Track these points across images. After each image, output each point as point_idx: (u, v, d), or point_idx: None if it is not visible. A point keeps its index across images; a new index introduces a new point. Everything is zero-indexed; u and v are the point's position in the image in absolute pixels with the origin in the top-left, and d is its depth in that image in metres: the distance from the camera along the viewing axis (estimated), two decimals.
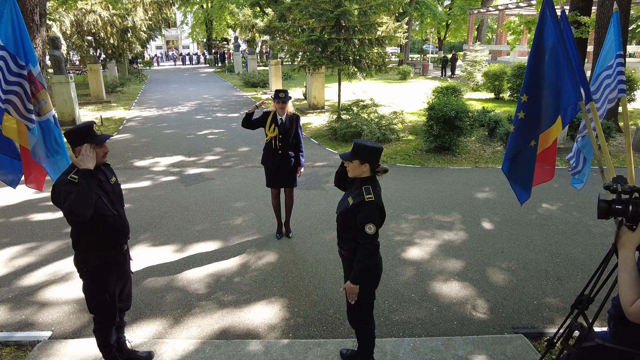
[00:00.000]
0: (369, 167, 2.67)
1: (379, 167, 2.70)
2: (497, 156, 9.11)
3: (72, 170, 2.59)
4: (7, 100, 3.17)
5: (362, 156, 2.65)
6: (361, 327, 2.94)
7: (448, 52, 37.49)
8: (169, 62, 54.02)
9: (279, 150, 4.91)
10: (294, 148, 5.02)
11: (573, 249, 5.05)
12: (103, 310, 2.82)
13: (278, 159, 4.96)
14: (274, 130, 4.87)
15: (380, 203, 2.64)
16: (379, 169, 2.70)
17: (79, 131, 2.60)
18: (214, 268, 4.60)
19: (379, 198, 2.66)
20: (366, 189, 2.64)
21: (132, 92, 21.10)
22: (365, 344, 3.00)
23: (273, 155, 4.96)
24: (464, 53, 33.35)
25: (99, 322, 2.87)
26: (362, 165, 2.67)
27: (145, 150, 9.78)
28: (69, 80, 12.03)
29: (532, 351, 3.27)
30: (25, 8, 9.60)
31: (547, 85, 2.78)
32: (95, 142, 2.62)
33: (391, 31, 12.34)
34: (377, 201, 2.62)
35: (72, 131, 2.61)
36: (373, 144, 2.68)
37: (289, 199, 5.26)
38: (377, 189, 2.70)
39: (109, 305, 2.82)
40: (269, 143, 4.95)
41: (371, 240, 2.64)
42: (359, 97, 12.08)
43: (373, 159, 2.66)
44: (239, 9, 31.21)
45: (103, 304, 2.80)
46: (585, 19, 10.83)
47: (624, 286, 1.57)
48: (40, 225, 5.67)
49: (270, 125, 4.88)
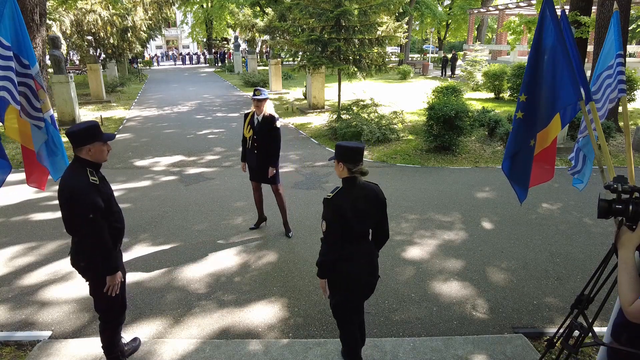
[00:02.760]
0: (345, 167, 2.64)
1: (356, 168, 2.64)
2: (497, 156, 9.11)
3: (83, 170, 2.56)
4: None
5: (339, 156, 2.66)
6: (338, 324, 2.93)
7: (448, 52, 37.48)
8: (169, 61, 54.02)
9: (255, 150, 5.04)
10: (269, 148, 5.01)
11: (573, 249, 5.05)
12: (114, 309, 2.81)
13: (254, 158, 5.10)
14: (249, 130, 5.01)
15: (337, 202, 2.58)
16: (356, 170, 2.64)
17: (89, 128, 2.58)
18: (214, 268, 4.60)
19: (340, 198, 2.60)
20: (335, 188, 2.66)
21: (132, 91, 21.11)
22: (343, 342, 2.99)
23: (250, 153, 5.13)
24: (464, 53, 33.38)
25: (109, 321, 2.85)
26: (339, 165, 2.67)
27: (145, 150, 9.78)
28: (68, 80, 12.02)
29: (532, 351, 3.27)
30: (25, 8, 9.61)
31: (546, 85, 2.78)
32: (103, 140, 2.63)
33: (391, 31, 12.35)
34: (333, 200, 2.59)
35: (82, 129, 2.57)
36: (350, 144, 2.65)
37: (277, 197, 5.28)
38: (348, 190, 2.64)
39: (121, 303, 2.82)
40: (246, 142, 5.12)
41: (324, 238, 2.66)
42: (359, 96, 12.08)
43: (346, 159, 2.63)
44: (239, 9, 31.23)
45: (115, 302, 2.78)
46: (585, 18, 10.83)
47: (623, 286, 1.58)
48: (40, 225, 5.67)
49: (247, 125, 5.02)
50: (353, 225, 2.62)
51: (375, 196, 2.70)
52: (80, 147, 2.57)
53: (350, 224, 2.60)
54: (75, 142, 2.58)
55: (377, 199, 2.71)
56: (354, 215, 2.60)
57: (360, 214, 2.63)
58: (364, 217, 2.66)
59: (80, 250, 2.65)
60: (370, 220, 2.71)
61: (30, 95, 3.23)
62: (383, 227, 2.83)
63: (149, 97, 19.55)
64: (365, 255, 2.75)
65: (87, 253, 2.61)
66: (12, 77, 3.06)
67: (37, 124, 3.30)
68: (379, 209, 2.73)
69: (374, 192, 2.71)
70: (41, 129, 3.32)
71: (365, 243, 2.77)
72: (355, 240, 2.70)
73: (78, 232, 2.58)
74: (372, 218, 2.71)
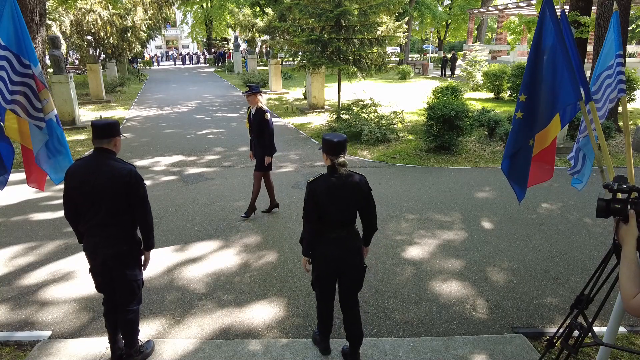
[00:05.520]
0: (328, 157, 2.88)
1: (337, 159, 2.83)
2: (497, 156, 9.11)
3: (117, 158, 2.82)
4: (12, 100, 3.17)
5: (323, 148, 2.94)
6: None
7: (448, 52, 37.48)
8: (169, 61, 54.01)
9: (251, 140, 5.81)
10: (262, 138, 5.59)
11: (573, 248, 5.05)
12: (141, 290, 3.07)
13: (252, 147, 5.88)
14: (248, 123, 5.75)
15: (313, 186, 2.83)
16: (336, 161, 2.83)
17: (116, 123, 2.88)
18: (214, 268, 4.60)
19: (318, 183, 2.84)
20: (318, 174, 2.92)
21: (131, 91, 21.11)
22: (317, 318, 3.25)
23: (250, 143, 5.91)
24: (463, 53, 33.36)
25: (139, 303, 3.06)
26: (323, 155, 2.94)
27: (145, 150, 9.78)
28: (68, 79, 12.02)
29: (531, 351, 3.27)
30: (25, 8, 9.60)
31: (546, 85, 2.78)
32: (120, 135, 2.89)
33: (391, 31, 12.35)
34: (311, 183, 2.86)
35: (113, 123, 2.85)
36: (333, 139, 2.86)
37: (255, 181, 5.82)
38: (328, 177, 2.85)
39: None
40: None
41: (303, 217, 2.93)
42: (358, 96, 12.09)
43: (326, 150, 2.89)
44: (239, 9, 31.22)
45: (142, 285, 3.07)
46: (585, 18, 10.83)
47: (624, 280, 1.59)
48: (40, 225, 5.67)
49: (248, 117, 5.75)
50: (329, 211, 2.81)
51: (355, 185, 2.84)
52: (110, 139, 2.79)
53: (325, 208, 2.80)
54: (107, 135, 2.78)
55: (357, 188, 2.84)
56: (329, 201, 2.80)
57: (337, 201, 2.81)
58: (342, 205, 2.82)
59: (122, 236, 2.84)
60: (351, 208, 2.86)
61: (31, 95, 3.23)
62: (369, 218, 2.98)
63: (148, 97, 19.55)
64: (340, 240, 2.89)
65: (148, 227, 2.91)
66: (4, 77, 3.07)
67: (38, 124, 3.29)
68: (360, 199, 2.87)
69: (355, 182, 2.84)
70: (41, 129, 3.31)
71: (345, 231, 2.90)
72: (335, 226, 2.87)
73: (144, 208, 2.86)
74: (352, 206, 2.86)
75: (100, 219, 2.75)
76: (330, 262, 2.91)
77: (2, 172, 3.25)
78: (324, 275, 2.99)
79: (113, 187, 2.71)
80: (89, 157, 2.81)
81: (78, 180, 2.73)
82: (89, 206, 2.74)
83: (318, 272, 2.99)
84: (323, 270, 2.97)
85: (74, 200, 2.78)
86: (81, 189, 2.72)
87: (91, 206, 2.74)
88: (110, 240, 2.80)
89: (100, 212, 2.73)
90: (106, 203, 2.72)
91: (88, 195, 2.71)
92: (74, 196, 2.77)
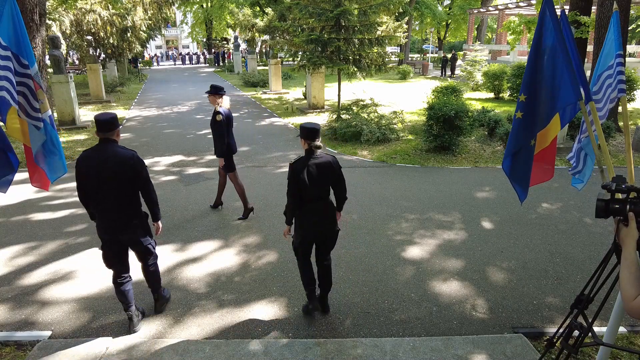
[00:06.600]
0: (305, 142, 3.40)
1: (312, 143, 3.37)
2: (497, 156, 9.11)
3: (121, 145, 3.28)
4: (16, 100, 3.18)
5: (301, 134, 3.43)
6: (297, 262, 3.71)
7: (448, 52, 37.48)
8: (169, 61, 54.01)
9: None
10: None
11: (573, 248, 5.05)
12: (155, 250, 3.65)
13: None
14: None
15: (295, 166, 3.34)
16: (312, 145, 3.37)
17: (116, 116, 3.31)
18: (214, 268, 4.60)
19: (298, 164, 3.35)
20: (299, 156, 3.42)
21: (131, 91, 21.11)
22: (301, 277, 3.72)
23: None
24: (463, 53, 33.37)
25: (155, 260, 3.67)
26: (301, 141, 3.44)
27: (145, 150, 9.78)
28: (68, 79, 12.02)
29: (531, 351, 3.27)
30: (25, 8, 9.60)
31: (546, 85, 2.78)
32: (119, 126, 3.33)
33: (391, 31, 12.35)
34: (293, 164, 3.37)
35: (114, 116, 3.28)
36: (309, 126, 3.38)
37: (234, 183, 5.90)
38: (306, 159, 3.35)
39: None
40: None
41: (287, 193, 3.42)
42: (358, 96, 12.08)
43: (304, 136, 3.39)
44: (239, 9, 31.21)
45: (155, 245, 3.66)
46: (585, 18, 10.83)
47: (624, 282, 1.59)
48: (40, 225, 5.67)
49: None
50: (308, 187, 3.33)
51: (327, 164, 3.39)
52: (113, 130, 3.23)
53: (305, 185, 3.32)
54: (111, 126, 3.21)
55: (329, 166, 3.40)
56: (308, 179, 3.32)
57: (314, 178, 3.34)
58: (318, 181, 3.35)
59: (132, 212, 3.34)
60: (325, 183, 3.41)
61: (29, 95, 3.24)
62: (340, 190, 3.56)
63: (148, 97, 19.55)
64: (318, 210, 3.46)
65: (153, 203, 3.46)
66: (10, 77, 3.07)
67: (36, 124, 3.29)
68: (332, 174, 3.42)
69: (327, 162, 3.40)
70: (40, 129, 3.31)
71: (321, 202, 3.46)
72: (313, 199, 3.40)
73: (148, 186, 3.39)
74: (326, 182, 3.42)
75: (113, 198, 3.21)
76: (312, 227, 3.48)
77: (9, 171, 3.25)
78: (306, 239, 3.54)
79: (121, 169, 3.17)
80: (97, 146, 3.21)
81: (89, 166, 3.15)
82: (99, 189, 3.17)
83: (301, 237, 3.53)
84: (306, 235, 3.52)
85: (85, 185, 3.20)
86: (94, 174, 3.14)
87: (100, 189, 3.17)
88: (122, 218, 3.29)
89: (110, 193, 3.19)
90: (115, 184, 3.18)
91: (98, 179, 3.14)
92: (85, 181, 3.18)
